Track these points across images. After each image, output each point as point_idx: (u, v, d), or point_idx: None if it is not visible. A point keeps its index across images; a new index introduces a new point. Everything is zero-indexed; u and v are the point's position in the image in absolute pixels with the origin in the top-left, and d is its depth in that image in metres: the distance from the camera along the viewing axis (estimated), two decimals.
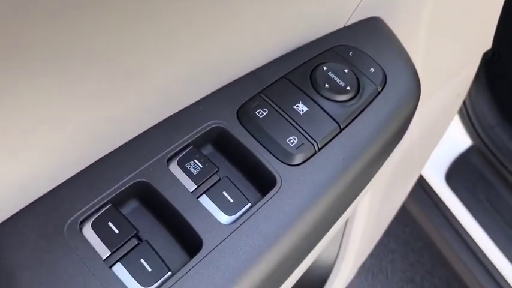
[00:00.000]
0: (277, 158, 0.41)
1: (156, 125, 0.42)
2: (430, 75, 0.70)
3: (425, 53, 0.65)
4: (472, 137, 1.29)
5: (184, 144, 0.41)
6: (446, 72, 0.75)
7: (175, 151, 0.40)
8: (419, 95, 0.52)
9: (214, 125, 0.42)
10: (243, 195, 0.40)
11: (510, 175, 1.22)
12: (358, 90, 0.46)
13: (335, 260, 0.78)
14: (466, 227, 1.25)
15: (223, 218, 0.38)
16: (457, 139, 1.31)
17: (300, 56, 0.48)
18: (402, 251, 1.73)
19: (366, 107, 0.46)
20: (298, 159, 0.42)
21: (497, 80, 1.33)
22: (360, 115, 0.46)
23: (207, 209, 0.38)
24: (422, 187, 1.30)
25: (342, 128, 0.44)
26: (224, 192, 0.40)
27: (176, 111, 0.43)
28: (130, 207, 0.40)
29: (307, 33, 0.50)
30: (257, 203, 0.40)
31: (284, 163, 0.41)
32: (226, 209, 0.39)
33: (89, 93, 0.38)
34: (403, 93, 0.49)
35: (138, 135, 0.41)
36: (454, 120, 1.32)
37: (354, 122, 0.45)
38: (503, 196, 1.23)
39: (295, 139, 0.43)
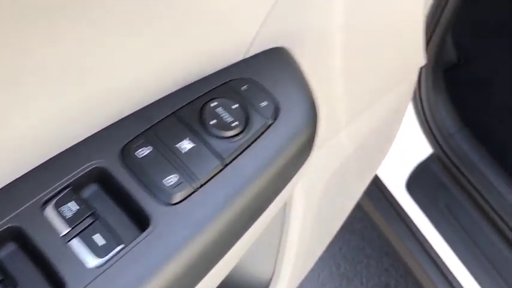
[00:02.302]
0: (154, 198, 0.42)
1: (35, 168, 0.42)
2: (356, 96, 0.71)
3: (345, 77, 0.65)
4: (432, 145, 1.29)
5: (63, 186, 0.41)
6: (376, 92, 0.75)
7: (52, 194, 0.41)
8: (316, 122, 0.52)
9: (94, 165, 0.43)
10: (117, 236, 0.40)
11: (469, 183, 1.23)
12: (246, 125, 0.47)
13: (271, 279, 0.79)
14: (426, 236, 1.26)
15: (93, 261, 0.39)
16: (417, 147, 1.32)
17: (193, 92, 0.48)
18: (377, 255, 1.74)
19: (254, 141, 0.47)
20: (175, 198, 0.42)
21: (458, 87, 1.33)
22: (246, 150, 0.46)
23: (74, 254, 0.39)
24: (384, 195, 1.31)
25: (226, 164, 0.45)
26: (98, 234, 0.40)
27: (59, 152, 0.43)
28: (7, 251, 0.40)
29: (204, 68, 0.50)
30: (130, 244, 0.40)
31: (160, 203, 0.42)
32: (97, 251, 0.39)
33: None
34: (296, 124, 0.49)
35: (15, 180, 0.41)
36: (414, 129, 1.32)
37: (239, 157, 0.46)
38: (462, 204, 1.24)
39: (175, 177, 0.43)
